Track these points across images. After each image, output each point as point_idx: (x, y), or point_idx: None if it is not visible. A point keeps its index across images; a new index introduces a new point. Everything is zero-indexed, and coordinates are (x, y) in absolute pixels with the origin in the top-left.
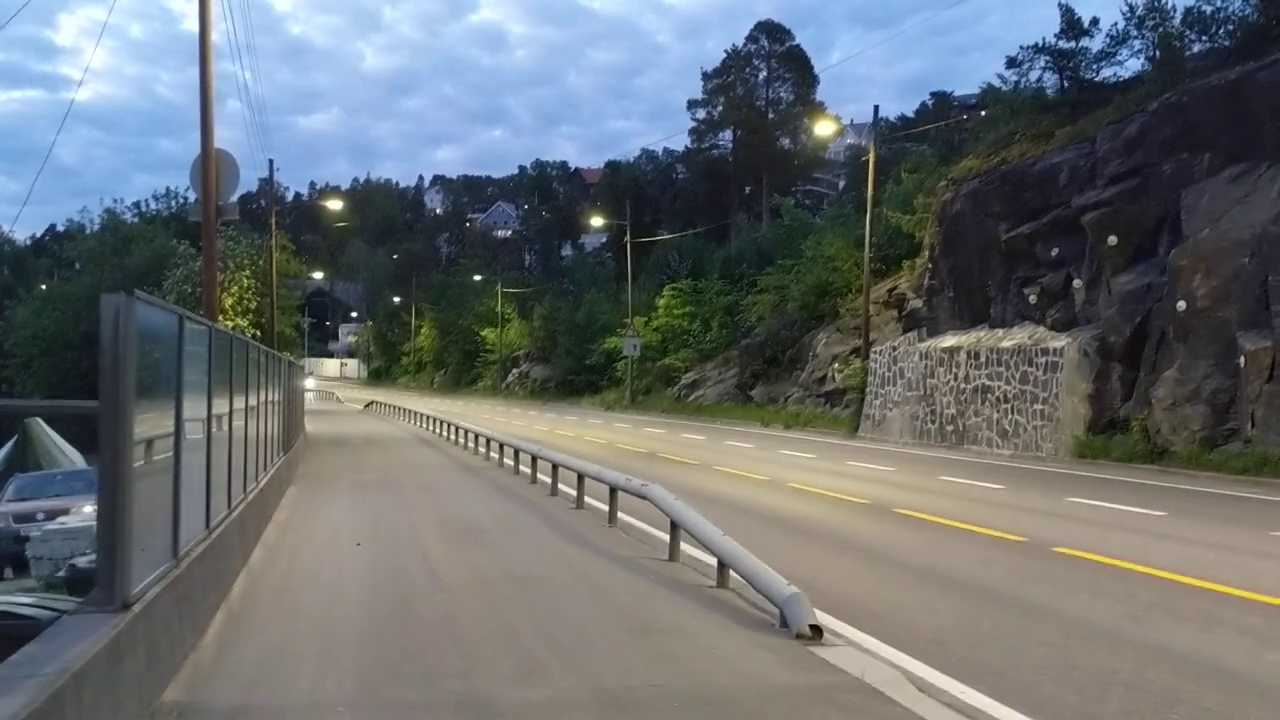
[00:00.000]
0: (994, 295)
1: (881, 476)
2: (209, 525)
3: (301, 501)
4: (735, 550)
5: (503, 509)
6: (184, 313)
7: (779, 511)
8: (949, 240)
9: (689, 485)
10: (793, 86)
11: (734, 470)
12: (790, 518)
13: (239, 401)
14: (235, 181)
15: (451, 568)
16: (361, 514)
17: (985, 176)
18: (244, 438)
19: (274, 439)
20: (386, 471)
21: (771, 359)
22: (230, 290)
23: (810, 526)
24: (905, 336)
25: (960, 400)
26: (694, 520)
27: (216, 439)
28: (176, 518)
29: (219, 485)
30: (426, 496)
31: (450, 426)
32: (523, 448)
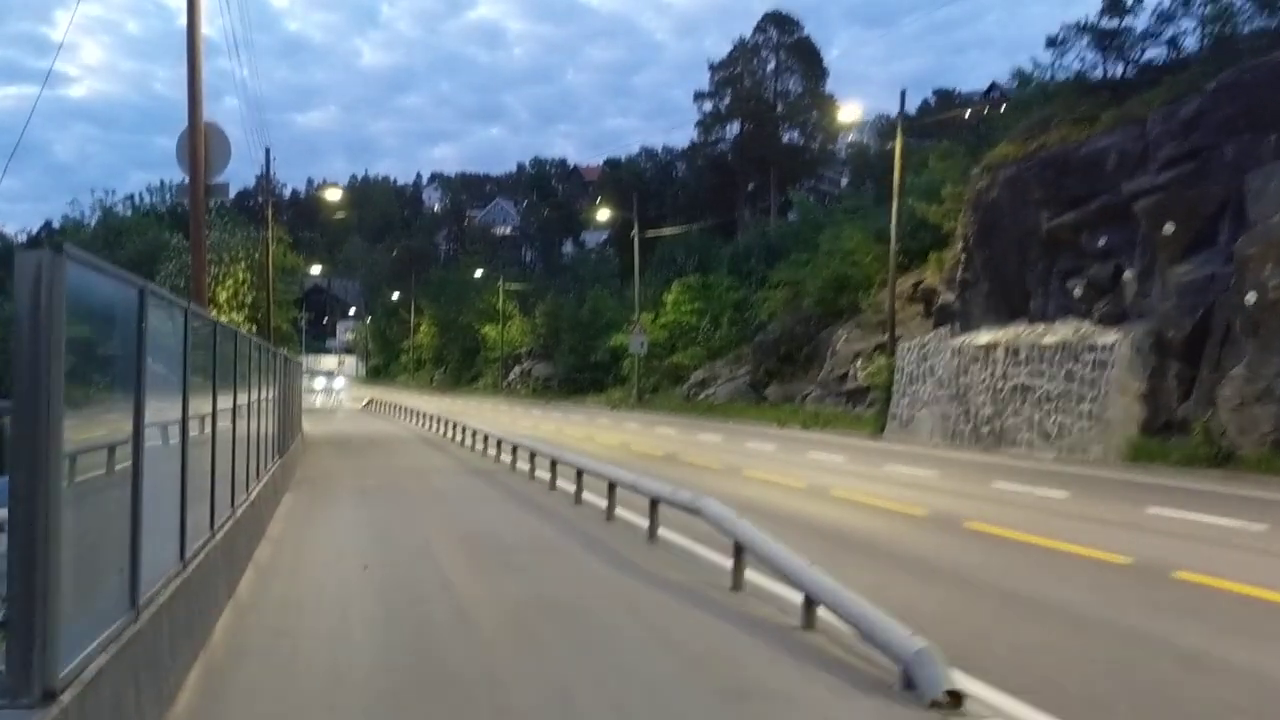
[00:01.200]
0: (1034, 288)
1: (926, 482)
2: (184, 555)
3: (299, 512)
4: (829, 586)
5: (525, 521)
6: (148, 285)
7: (832, 525)
8: (984, 230)
9: (723, 493)
10: (801, 78)
11: (765, 476)
12: (847, 533)
13: (226, 400)
14: (226, 158)
15: (479, 599)
16: (367, 527)
17: (1024, 162)
18: (232, 442)
19: (269, 442)
20: (391, 476)
21: (786, 356)
22: (225, 284)
23: (874, 544)
24: (936, 332)
25: (997, 400)
26: (768, 545)
27: (197, 444)
28: (135, 552)
29: (199, 500)
30: (438, 505)
31: (455, 426)
32: (540, 450)
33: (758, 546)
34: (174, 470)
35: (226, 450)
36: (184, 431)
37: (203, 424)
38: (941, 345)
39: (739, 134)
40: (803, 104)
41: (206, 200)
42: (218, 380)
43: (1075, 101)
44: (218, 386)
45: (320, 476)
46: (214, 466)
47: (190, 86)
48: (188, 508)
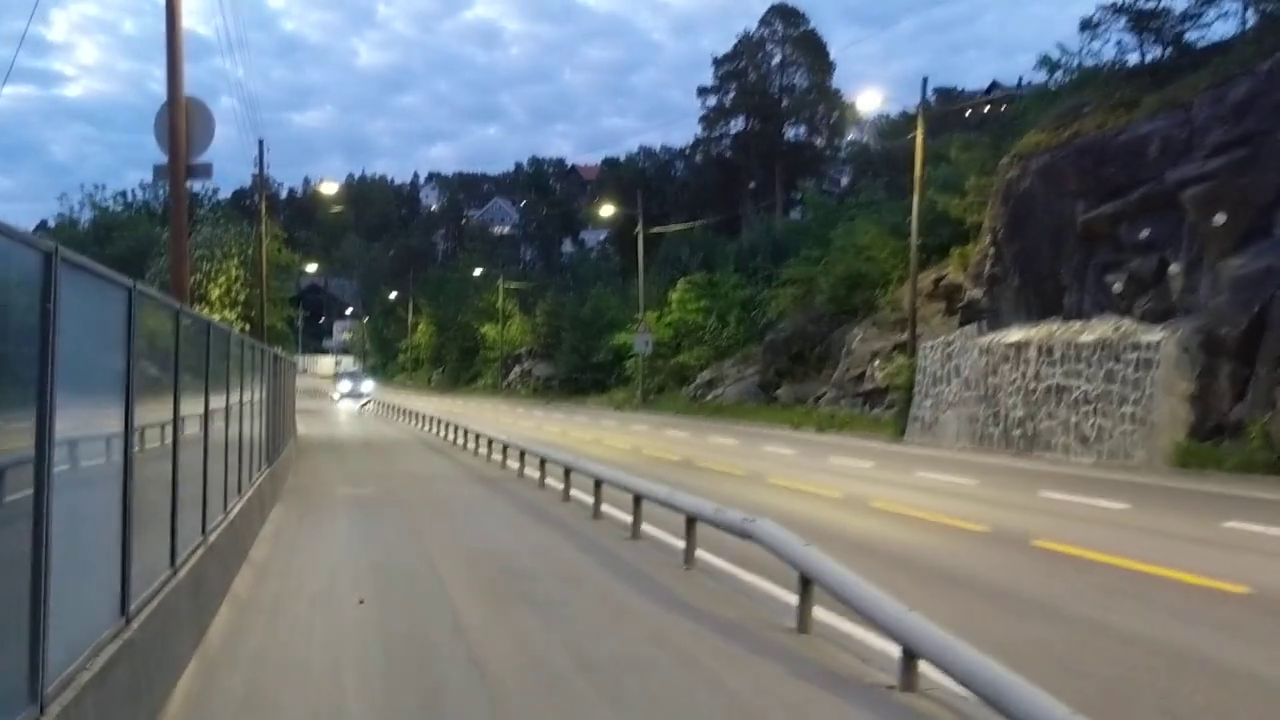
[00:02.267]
0: (1068, 283)
1: (968, 491)
2: (127, 609)
3: (287, 528)
4: (938, 639)
5: (541, 539)
6: (67, 253)
7: (883, 543)
8: (1015, 223)
9: (752, 504)
10: (807, 72)
11: (793, 484)
12: (903, 552)
13: (195, 404)
14: (209, 135)
15: (497, 646)
16: (363, 547)
17: (1058, 151)
18: (204, 453)
19: (255, 449)
20: (390, 484)
21: (798, 356)
22: (217, 280)
23: (938, 566)
24: (962, 330)
25: (1030, 401)
26: (846, 580)
27: (153, 458)
28: (39, 618)
29: (152, 530)
30: (442, 519)
31: (456, 429)
32: (552, 457)
33: (833, 581)
34: (108, 499)
35: (195, 464)
36: (127, 445)
37: (163, 433)
38: (968, 344)
39: (743, 129)
40: (809, 98)
41: (188, 181)
42: (189, 382)
43: (1112, 87)
44: (188, 389)
45: (313, 485)
46: (176, 486)
47: (169, 56)
48: (132, 542)
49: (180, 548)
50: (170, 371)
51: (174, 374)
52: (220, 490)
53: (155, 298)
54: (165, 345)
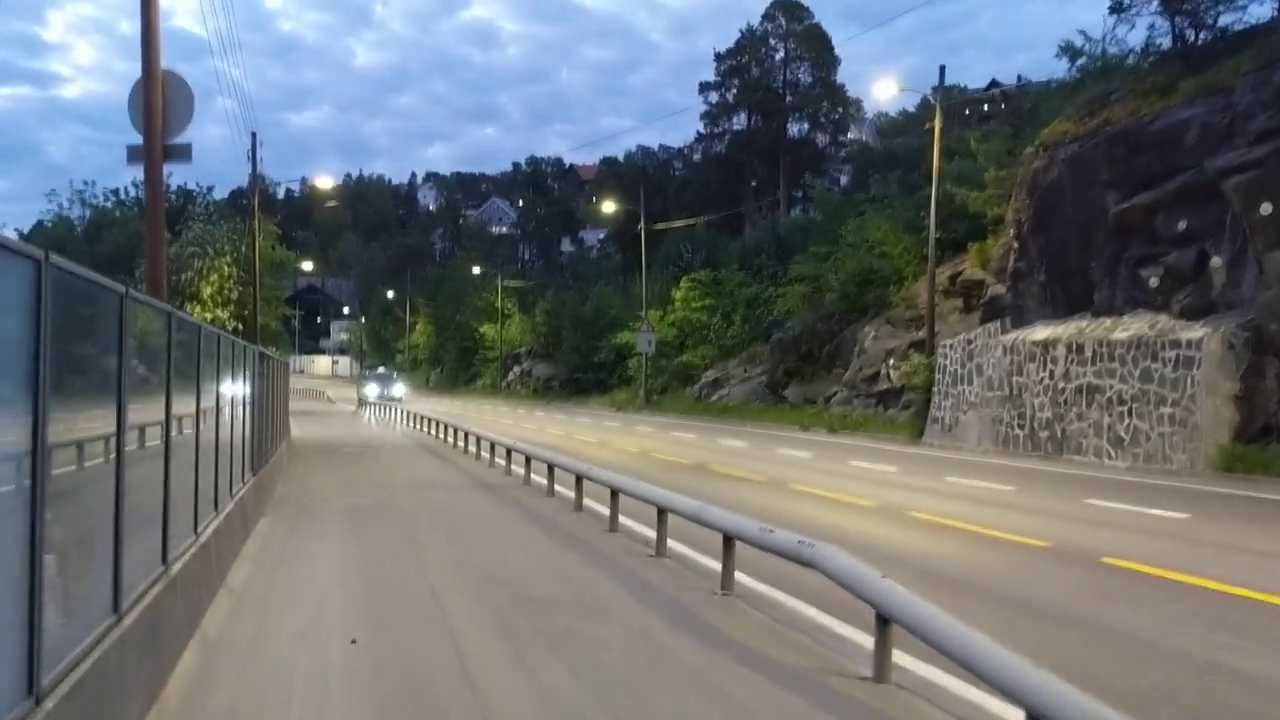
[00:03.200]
0: (1099, 278)
1: (1008, 499)
2: (36, 686)
3: (273, 547)
4: (1084, 707)
5: (555, 558)
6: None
7: (939, 562)
8: (1041, 215)
9: (778, 514)
10: (812, 67)
11: (818, 490)
12: (966, 574)
13: (150, 410)
14: (188, 113)
15: (514, 702)
16: (357, 569)
17: (1087, 140)
18: (165, 469)
19: (238, 458)
20: (388, 492)
21: (807, 355)
22: (209, 278)
23: (1012, 593)
24: (984, 328)
25: (1058, 402)
26: (945, 625)
27: (86, 479)
28: None
29: (89, 572)
30: (445, 534)
31: (457, 432)
32: (561, 463)
33: (922, 623)
34: (17, 530)
35: (155, 480)
36: (36, 468)
37: (107, 446)
38: (991, 342)
39: (746, 125)
40: (813, 94)
41: (166, 162)
42: (121, 383)
43: (1143, 73)
44: (144, 392)
45: (304, 494)
46: (120, 511)
47: (144, 25)
48: (44, 592)
49: (128, 587)
50: (127, 371)
51: (118, 373)
52: (189, 508)
53: (106, 288)
54: (113, 338)
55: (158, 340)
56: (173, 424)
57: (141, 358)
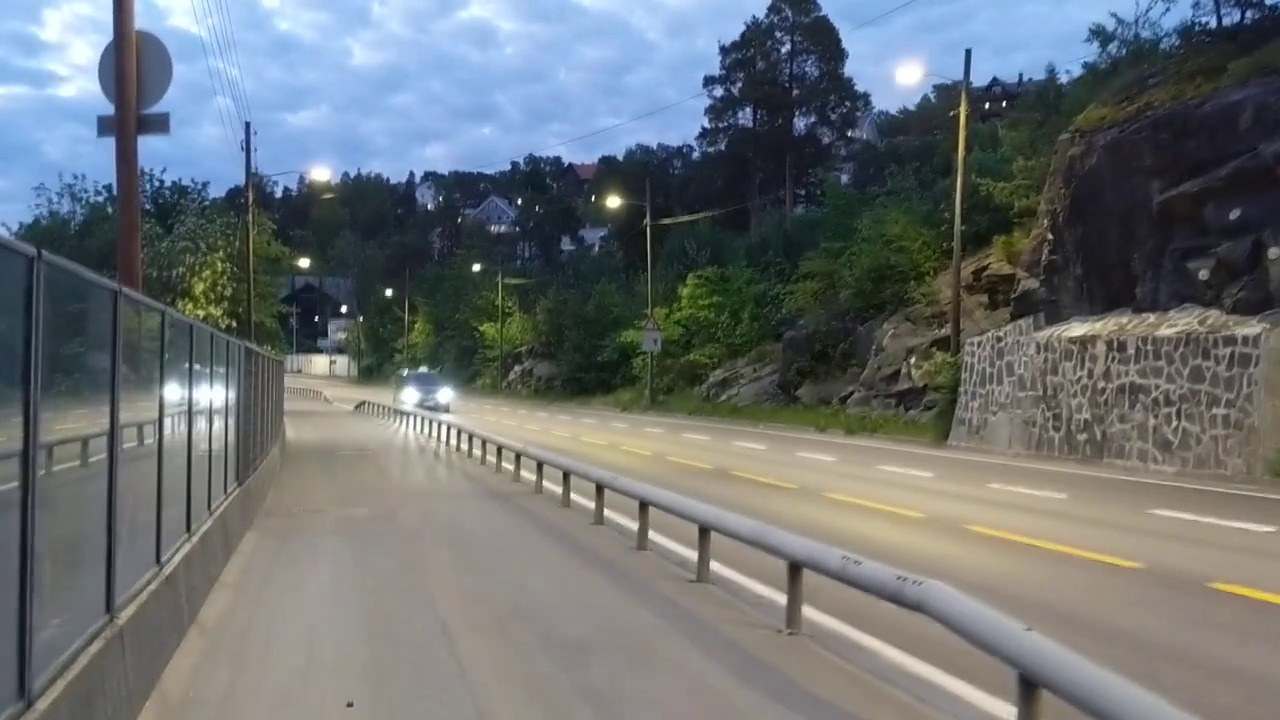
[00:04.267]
0: (1141, 271)
1: (1065, 509)
2: None
3: (258, 571)
4: None
5: (584, 586)
6: None
7: (1022, 587)
8: (1078, 205)
9: (817, 526)
10: (818, 60)
11: (857, 499)
12: (1059, 603)
13: (89, 419)
14: (165, 80)
15: None
16: (354, 600)
17: (1128, 125)
18: (111, 488)
19: (221, 466)
20: (387, 502)
21: (821, 354)
22: (202, 275)
23: (1121, 628)
24: (1015, 325)
25: (1097, 403)
26: (1119, 692)
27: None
28: None
29: None
30: (454, 553)
31: (459, 433)
32: (578, 470)
33: (1086, 690)
34: None
35: (98, 503)
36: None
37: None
38: (1023, 339)
39: (752, 120)
40: (820, 88)
41: (141, 135)
42: (32, 379)
43: (1187, 54)
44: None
45: (296, 504)
46: (28, 555)
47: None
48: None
49: (38, 667)
50: (66, 369)
51: (27, 375)
52: (150, 534)
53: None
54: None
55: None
56: (128, 431)
57: (84, 347)
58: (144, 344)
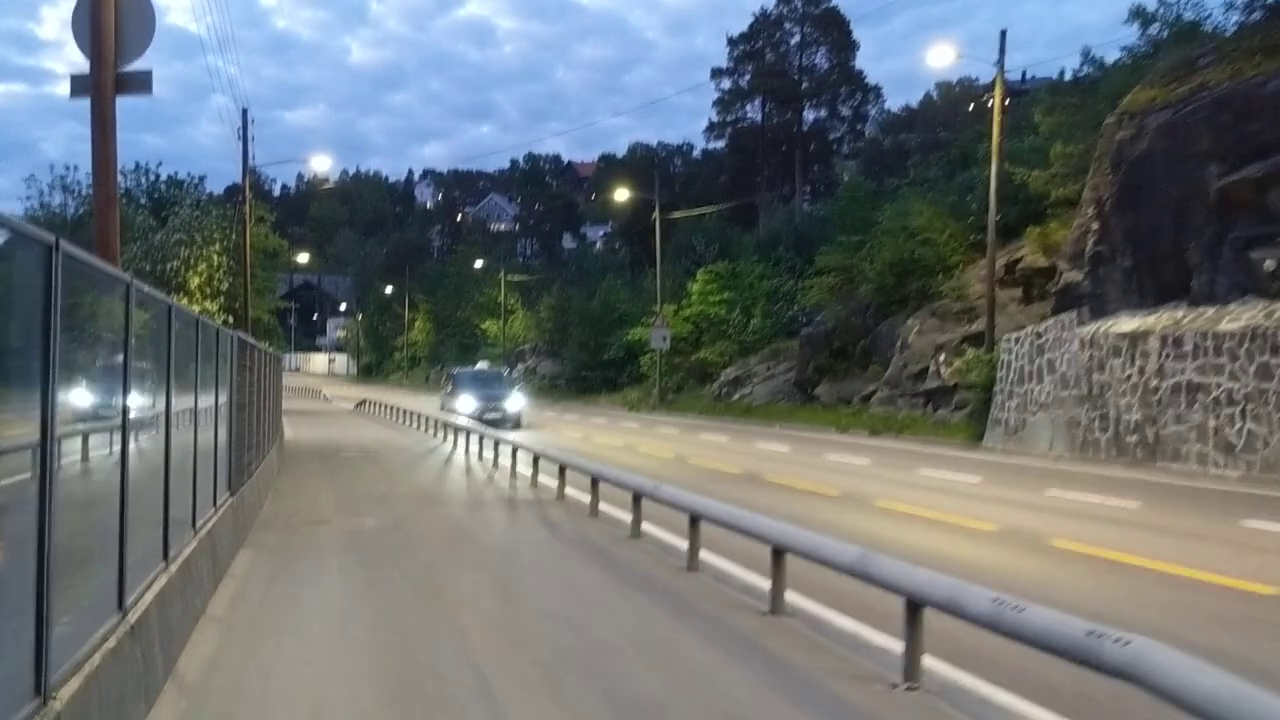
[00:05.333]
0: (1197, 262)
1: (1145, 519)
2: None
3: (251, 600)
4: None
5: (640, 619)
6: None
7: (1146, 618)
8: (1127, 192)
9: (879, 541)
10: (829, 52)
11: (911, 509)
12: (1202, 642)
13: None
14: (147, 33)
15: None
16: (367, 641)
17: (1183, 106)
18: (44, 513)
19: (207, 478)
20: (396, 510)
21: (840, 351)
22: (197, 268)
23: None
24: (1056, 320)
25: (1150, 402)
26: None
27: None
28: None
29: None
30: (480, 576)
31: (468, 434)
32: (609, 477)
33: None
34: None
35: (20, 539)
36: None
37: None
38: (1065, 335)
39: (761, 113)
40: (830, 79)
41: (120, 94)
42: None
43: (1244, 32)
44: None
45: (296, 513)
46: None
47: None
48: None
49: None
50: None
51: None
52: (111, 571)
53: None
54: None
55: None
56: (81, 441)
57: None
58: (102, 326)
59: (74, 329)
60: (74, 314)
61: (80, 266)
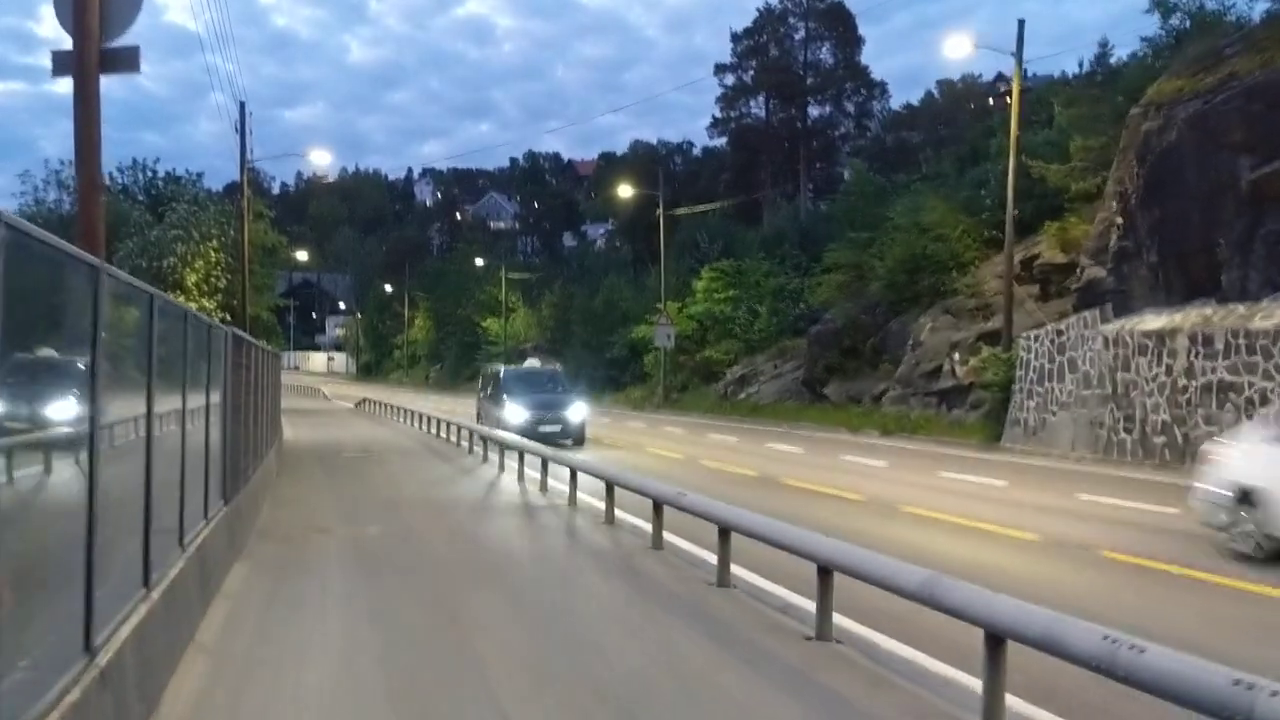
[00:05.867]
0: (1228, 258)
1: (1189, 528)
2: None
3: (246, 626)
4: None
5: (681, 651)
6: None
7: (1240, 652)
8: (1154, 185)
9: (917, 553)
10: (834, 47)
11: (939, 514)
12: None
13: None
14: (134, 9)
15: None
16: (378, 682)
17: (1213, 96)
18: None
19: (198, 489)
20: (402, 519)
21: (850, 350)
22: (195, 265)
23: None
24: (1078, 317)
25: (1177, 402)
26: None
27: None
28: None
29: None
30: (498, 598)
31: (473, 435)
32: (628, 483)
33: None
34: None
35: None
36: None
37: None
38: (1088, 333)
39: (765, 109)
40: (836, 75)
41: (105, 74)
42: None
43: (1273, 20)
44: None
45: (295, 521)
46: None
47: None
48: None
49: None
50: None
51: None
52: (76, 607)
53: None
54: None
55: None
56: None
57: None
58: (69, 315)
59: (33, 322)
60: (29, 301)
61: (33, 246)
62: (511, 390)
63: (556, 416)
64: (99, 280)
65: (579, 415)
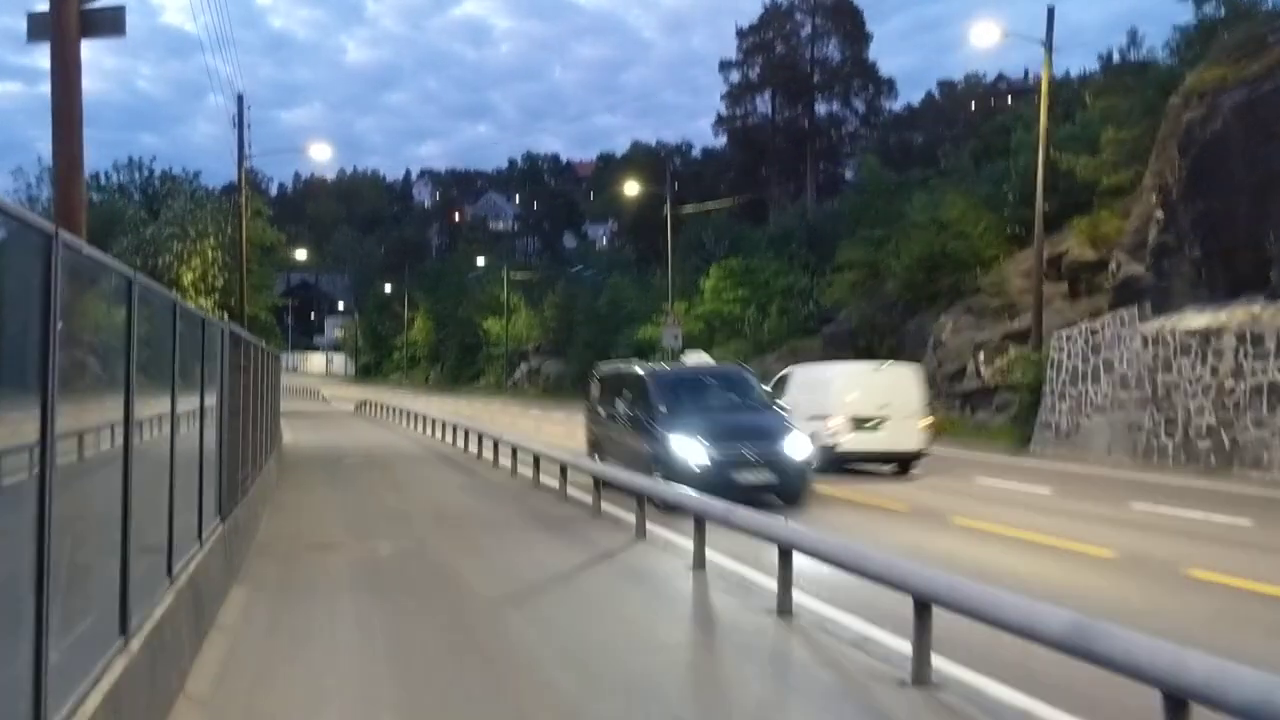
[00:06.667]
0: (1278, 252)
1: (1266, 541)
2: None
3: (245, 668)
4: None
5: (743, 689)
6: None
7: None
8: (1197, 177)
9: (983, 573)
10: (840, 43)
11: (993, 526)
12: None
13: None
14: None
15: None
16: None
17: (1260, 84)
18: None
19: (191, 506)
20: (414, 532)
21: (866, 350)
22: (191, 264)
23: None
24: (1114, 315)
25: (1224, 405)
26: None
27: None
28: None
29: None
30: (533, 631)
31: (482, 438)
32: (664, 498)
33: None
34: None
35: None
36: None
37: None
38: (1125, 332)
39: (771, 106)
40: (843, 71)
41: (86, 37)
42: None
43: None
44: None
45: (298, 536)
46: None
47: None
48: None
49: None
50: None
51: None
52: (25, 672)
53: None
54: None
55: None
56: None
57: None
58: (11, 298)
59: None
60: None
61: None
62: (675, 407)
63: (763, 455)
64: (53, 251)
65: (800, 451)
